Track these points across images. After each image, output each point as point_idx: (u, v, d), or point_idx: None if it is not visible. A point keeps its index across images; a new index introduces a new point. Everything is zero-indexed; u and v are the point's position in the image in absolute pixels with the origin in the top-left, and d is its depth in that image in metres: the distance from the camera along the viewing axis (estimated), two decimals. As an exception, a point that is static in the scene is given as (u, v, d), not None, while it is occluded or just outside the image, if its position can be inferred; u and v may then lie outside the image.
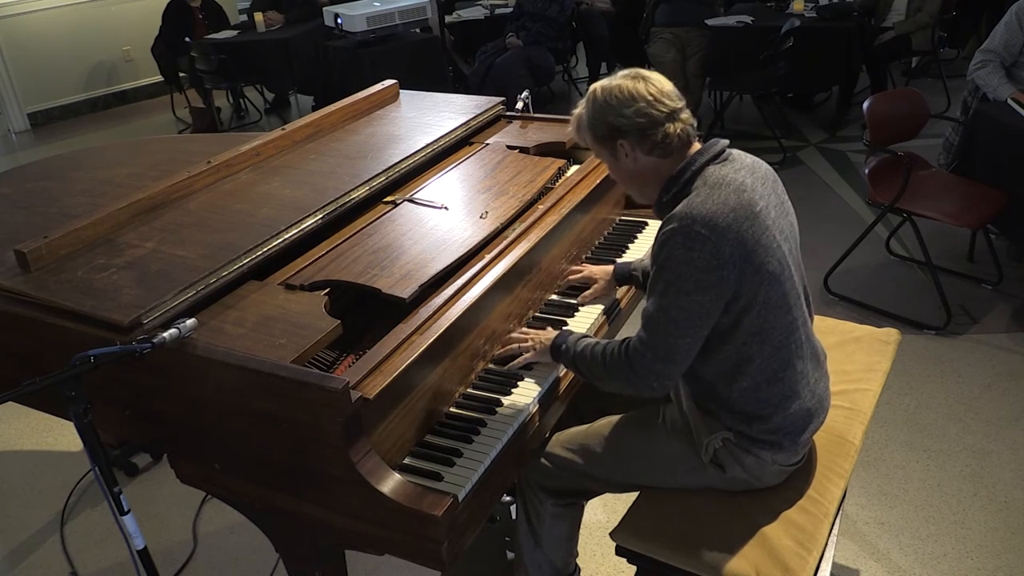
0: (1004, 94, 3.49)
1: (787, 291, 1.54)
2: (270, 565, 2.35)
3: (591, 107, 1.58)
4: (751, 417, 1.60)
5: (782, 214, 1.58)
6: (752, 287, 1.49)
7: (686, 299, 1.46)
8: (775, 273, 1.50)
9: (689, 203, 1.48)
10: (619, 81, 1.55)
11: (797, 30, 4.95)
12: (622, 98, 1.53)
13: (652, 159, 1.56)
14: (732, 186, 1.49)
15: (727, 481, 1.67)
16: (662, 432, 1.73)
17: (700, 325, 1.49)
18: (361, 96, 2.50)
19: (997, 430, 2.72)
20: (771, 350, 1.55)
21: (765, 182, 1.57)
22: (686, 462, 1.68)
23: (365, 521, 1.38)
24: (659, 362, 1.51)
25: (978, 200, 3.26)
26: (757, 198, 1.50)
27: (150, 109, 7.59)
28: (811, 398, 1.63)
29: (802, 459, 1.71)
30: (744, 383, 1.57)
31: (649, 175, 1.59)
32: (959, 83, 4.87)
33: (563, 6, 6.05)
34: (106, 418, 1.60)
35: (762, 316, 1.52)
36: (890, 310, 3.39)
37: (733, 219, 1.45)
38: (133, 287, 1.57)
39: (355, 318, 1.64)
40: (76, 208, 2.06)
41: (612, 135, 1.56)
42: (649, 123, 1.52)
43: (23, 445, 3.05)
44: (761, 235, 1.48)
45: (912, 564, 2.24)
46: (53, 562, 2.49)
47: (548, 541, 1.88)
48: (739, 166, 1.55)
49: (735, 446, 1.62)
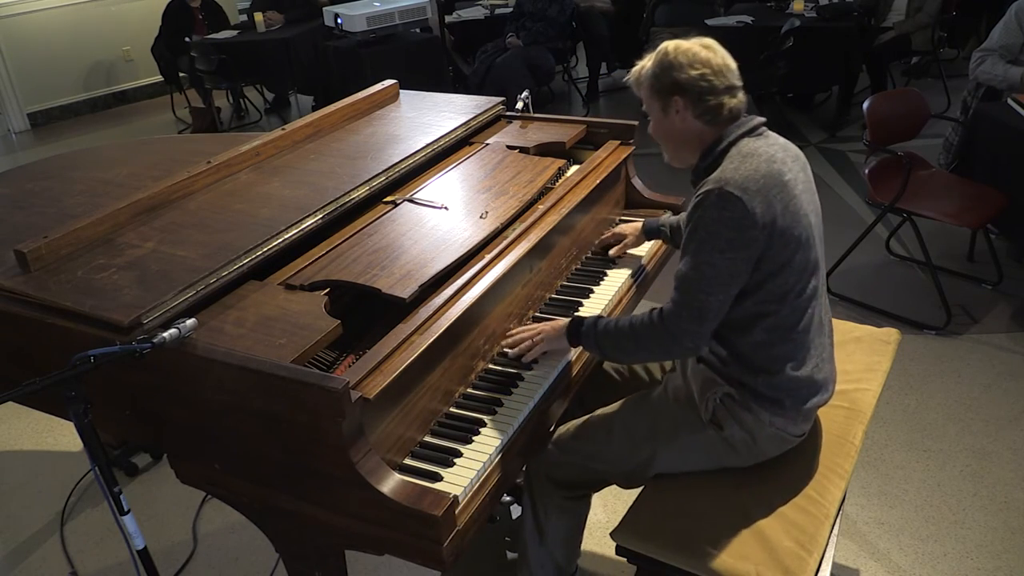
0: (1016, 73, 3.49)
1: (810, 258, 1.61)
2: (270, 565, 2.35)
3: (659, 60, 1.64)
4: (758, 370, 1.64)
5: (809, 189, 1.66)
6: (779, 250, 1.56)
7: (719, 257, 1.53)
8: (801, 239, 1.58)
9: (723, 169, 1.57)
10: (691, 45, 1.62)
11: (797, 30, 4.95)
12: (691, 59, 1.60)
13: (699, 124, 1.64)
14: (763, 157, 1.57)
15: (726, 445, 1.70)
16: (664, 400, 1.79)
17: (730, 283, 1.55)
18: (361, 96, 2.50)
19: (997, 430, 2.72)
20: (789, 311, 1.61)
21: (796, 160, 1.66)
22: (687, 425, 1.72)
23: (365, 521, 1.38)
24: (692, 321, 1.57)
25: (978, 200, 3.26)
26: (786, 169, 1.59)
27: (150, 109, 7.59)
28: (819, 370, 1.68)
29: (802, 435, 1.74)
30: (757, 336, 1.63)
31: (692, 137, 1.66)
32: (959, 83, 4.88)
33: (563, 6, 6.05)
34: (106, 418, 1.60)
35: (786, 280, 1.59)
36: (890, 310, 3.39)
37: (763, 184, 1.53)
38: (133, 287, 1.57)
39: (355, 318, 1.64)
40: (76, 208, 2.06)
41: (671, 90, 1.62)
42: (709, 89, 1.60)
43: (23, 445, 3.05)
44: (789, 201, 1.56)
45: (912, 564, 2.24)
46: (53, 562, 2.49)
47: (553, 537, 1.88)
48: (772, 142, 1.65)
49: (734, 402, 1.67)
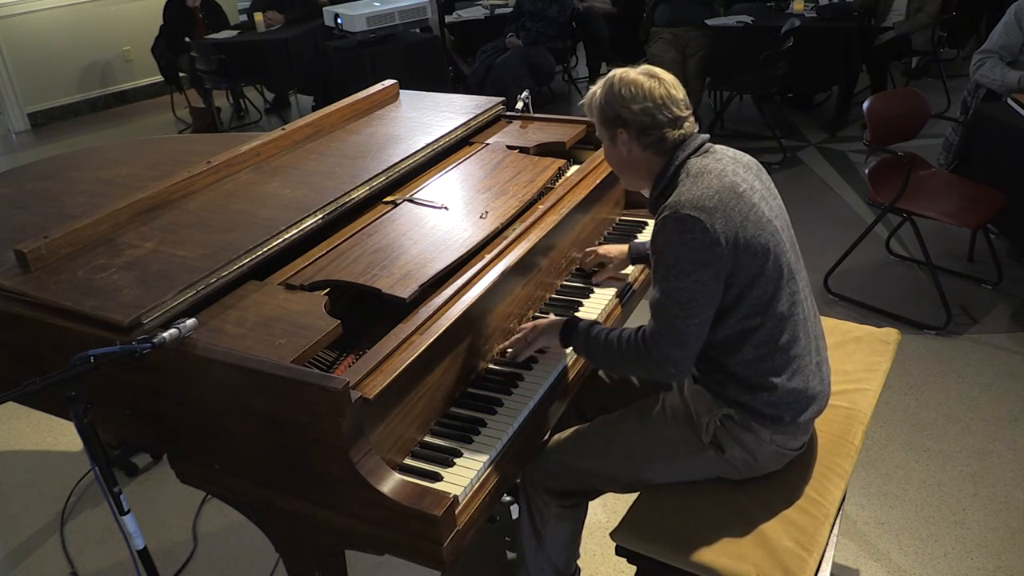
0: (1014, 78, 3.49)
1: (784, 264, 1.60)
2: (270, 565, 2.35)
3: (606, 91, 1.65)
4: (755, 387, 1.63)
5: (768, 195, 1.65)
6: (748, 261, 1.55)
7: (686, 280, 1.52)
8: (768, 246, 1.56)
9: (677, 193, 1.57)
10: (637, 76, 1.62)
11: (797, 30, 4.95)
12: (634, 93, 1.61)
13: (646, 153, 1.65)
14: (714, 173, 1.57)
15: (727, 465, 1.68)
16: (662, 419, 1.76)
17: (704, 304, 1.54)
18: (361, 96, 2.50)
19: (997, 430, 2.72)
20: (775, 321, 1.60)
21: (748, 169, 1.65)
22: (686, 445, 1.70)
23: (365, 521, 1.38)
24: (673, 347, 1.56)
25: (978, 200, 3.26)
26: (739, 180, 1.58)
27: (150, 109, 7.59)
28: (813, 378, 1.66)
29: (801, 447, 1.73)
30: (748, 354, 1.61)
31: (640, 166, 1.68)
32: (959, 83, 4.88)
33: (563, 6, 6.05)
34: (106, 418, 1.60)
35: (764, 290, 1.58)
36: (890, 310, 3.39)
37: (719, 200, 1.53)
38: (133, 287, 1.57)
39: (355, 318, 1.64)
40: (76, 208, 2.06)
41: (615, 123, 1.64)
42: (651, 123, 1.61)
43: (23, 445, 3.05)
44: (749, 212, 1.55)
45: (912, 564, 2.24)
46: (53, 562, 2.49)
47: (551, 542, 1.88)
48: (720, 156, 1.64)
49: (734, 424, 1.65)
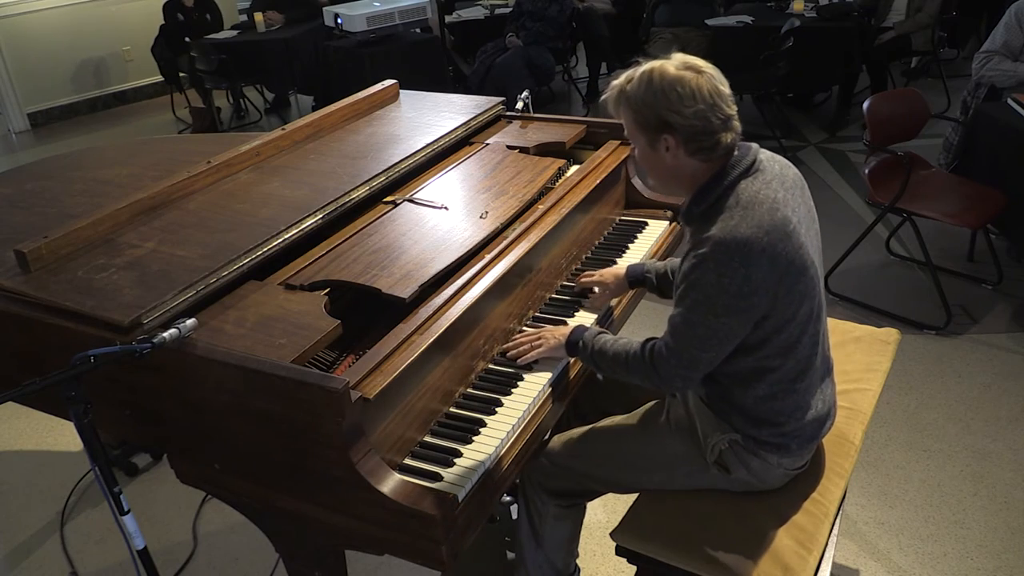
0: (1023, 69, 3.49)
1: (815, 306, 1.53)
2: (270, 565, 2.35)
3: (645, 90, 1.45)
4: (763, 423, 1.59)
5: (811, 225, 1.55)
6: (784, 308, 1.47)
7: (714, 320, 1.44)
8: (806, 292, 1.48)
9: (724, 227, 1.42)
10: (681, 72, 1.43)
11: (797, 30, 4.95)
12: (683, 93, 1.42)
13: (694, 162, 1.48)
14: (765, 205, 1.43)
15: (730, 482, 1.67)
16: (665, 430, 1.72)
17: (726, 343, 1.49)
18: (361, 96, 2.50)
19: (997, 430, 2.72)
20: (794, 362, 1.54)
21: (795, 192, 1.52)
22: (688, 461, 1.68)
23: (365, 521, 1.38)
24: (682, 368, 1.52)
25: (978, 200, 3.26)
26: (790, 214, 1.45)
27: (150, 109, 7.59)
28: (822, 406, 1.63)
29: (806, 464, 1.72)
30: (760, 391, 1.56)
31: (684, 175, 1.51)
32: (959, 83, 4.88)
33: (563, 6, 6.05)
34: (106, 418, 1.60)
35: (791, 334, 1.50)
36: (890, 310, 3.39)
37: (768, 243, 1.40)
38: (133, 287, 1.57)
39: (355, 318, 1.64)
40: (76, 208, 2.06)
41: (660, 128, 1.46)
42: (703, 128, 1.44)
43: (23, 445, 3.05)
44: (795, 255, 1.44)
45: (912, 564, 2.24)
46: (53, 562, 2.49)
47: (550, 542, 1.88)
48: (770, 177, 1.49)
49: (742, 448, 1.61)
